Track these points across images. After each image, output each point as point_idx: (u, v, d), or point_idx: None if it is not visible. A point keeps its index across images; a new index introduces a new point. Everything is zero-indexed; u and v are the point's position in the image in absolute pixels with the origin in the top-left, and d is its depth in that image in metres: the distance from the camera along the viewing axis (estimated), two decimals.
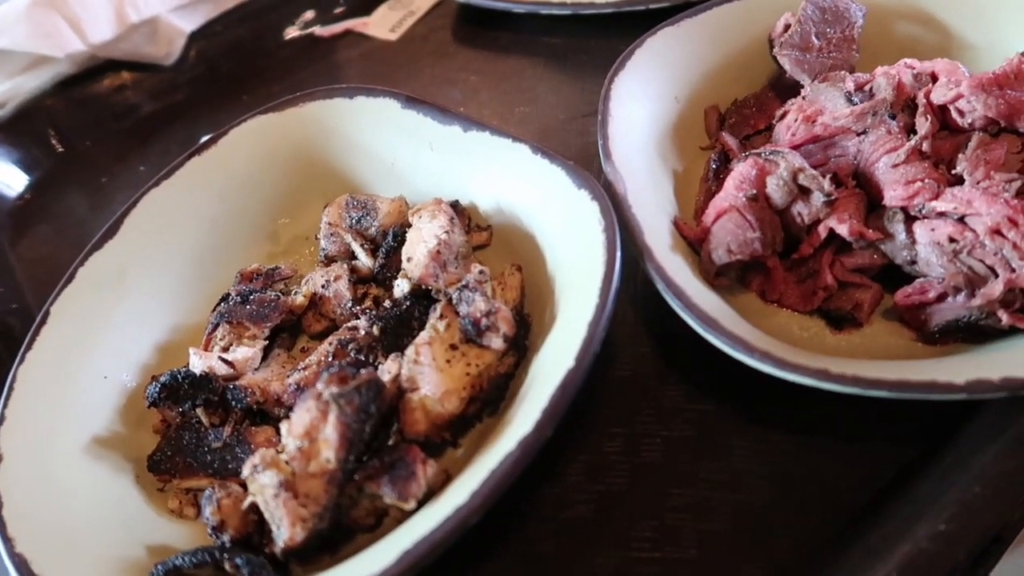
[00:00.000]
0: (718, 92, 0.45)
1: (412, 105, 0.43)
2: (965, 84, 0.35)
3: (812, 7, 0.43)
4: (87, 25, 0.54)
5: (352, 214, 0.42)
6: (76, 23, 0.53)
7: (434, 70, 0.58)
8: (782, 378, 0.30)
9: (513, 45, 0.58)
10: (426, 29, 0.63)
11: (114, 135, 0.59)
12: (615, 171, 0.37)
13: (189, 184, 0.44)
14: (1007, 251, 0.31)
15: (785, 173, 0.36)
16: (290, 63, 0.62)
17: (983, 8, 0.43)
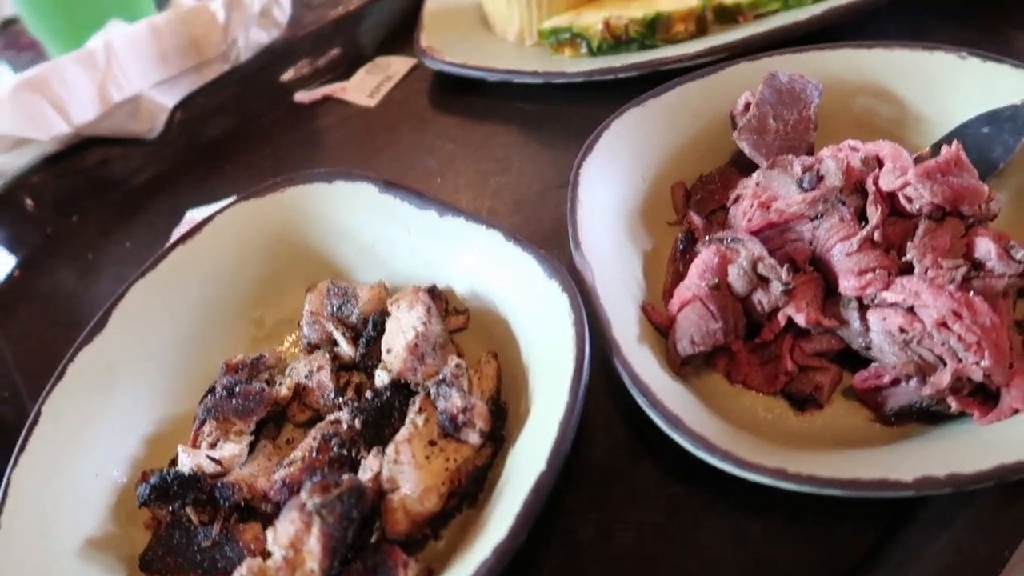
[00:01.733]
0: (684, 168, 0.47)
1: (389, 190, 0.45)
2: (911, 173, 0.37)
3: (769, 89, 0.45)
4: (71, 107, 0.55)
5: (333, 301, 0.43)
6: (60, 106, 0.55)
7: (412, 136, 0.60)
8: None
9: (488, 111, 0.60)
10: (403, 94, 0.64)
11: (100, 209, 0.61)
12: (584, 260, 0.39)
13: (175, 274, 0.45)
14: (953, 342, 0.33)
15: (745, 263, 0.37)
16: (271, 130, 0.64)
17: (933, 83, 0.45)
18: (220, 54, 0.61)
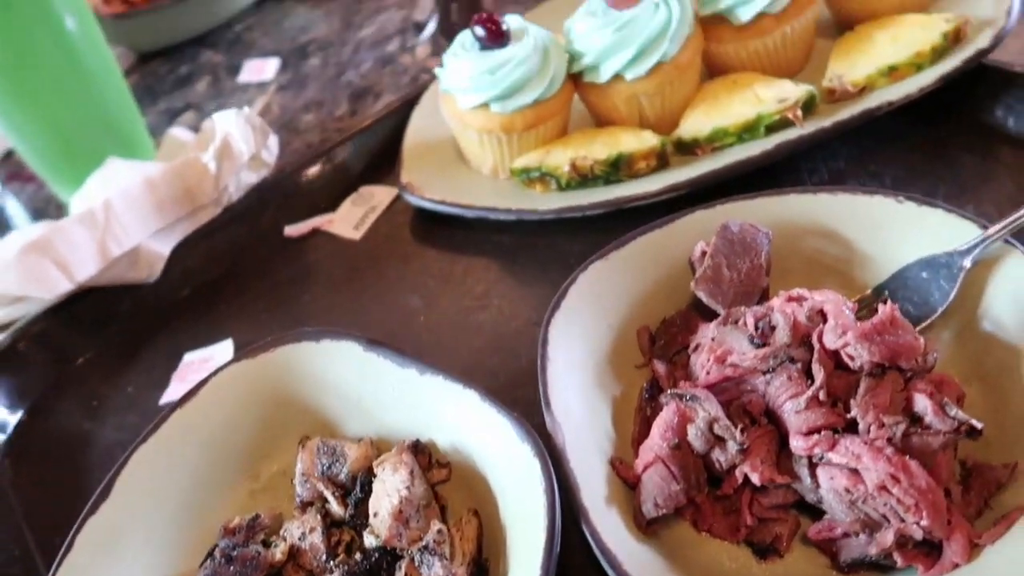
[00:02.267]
0: (647, 312, 0.50)
1: (372, 348, 0.48)
2: (851, 334, 0.40)
3: (722, 240, 0.48)
4: (73, 266, 0.58)
5: (323, 460, 0.46)
6: (64, 265, 0.58)
7: (396, 272, 0.63)
8: None
9: (467, 244, 0.63)
10: (387, 227, 0.68)
11: (102, 353, 0.64)
12: (554, 422, 0.42)
13: (174, 437, 0.48)
14: (894, 503, 0.36)
15: (702, 424, 0.40)
16: (264, 267, 0.67)
17: (875, 225, 0.49)
18: (213, 200, 0.65)
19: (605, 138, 0.61)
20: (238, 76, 0.97)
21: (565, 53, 0.62)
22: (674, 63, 0.59)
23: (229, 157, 0.64)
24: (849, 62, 0.60)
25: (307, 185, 0.72)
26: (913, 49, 0.58)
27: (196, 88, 0.97)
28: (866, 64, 0.59)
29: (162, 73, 1.02)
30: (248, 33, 1.06)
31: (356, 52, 0.95)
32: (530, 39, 0.60)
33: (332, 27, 1.02)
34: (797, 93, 0.58)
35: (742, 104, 0.60)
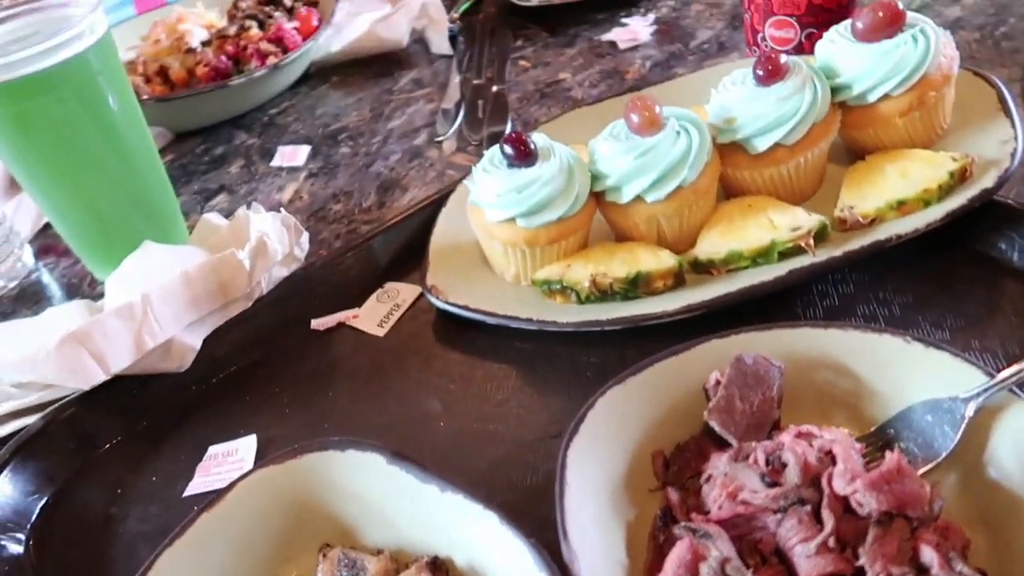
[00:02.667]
0: (662, 437, 0.52)
1: (396, 461, 0.50)
2: (859, 481, 0.42)
3: (735, 372, 0.50)
4: (109, 357, 0.61)
5: (342, 572, 0.48)
6: (100, 357, 0.60)
7: (418, 373, 0.65)
8: None
9: (488, 348, 0.66)
10: (411, 325, 0.70)
11: (128, 439, 0.65)
12: (571, 552, 0.43)
13: (200, 540, 0.49)
14: None
15: (714, 563, 0.41)
16: (290, 359, 0.69)
17: (883, 362, 0.51)
18: (245, 295, 0.68)
19: (624, 255, 0.64)
20: (271, 160, 1.01)
21: (588, 172, 0.65)
22: (692, 188, 0.62)
23: (264, 256, 0.67)
24: (860, 193, 0.63)
25: (334, 280, 0.74)
26: (921, 186, 0.61)
27: (230, 170, 1.01)
28: (876, 197, 0.62)
29: (198, 153, 1.06)
30: (282, 117, 1.10)
31: (385, 143, 0.99)
32: (556, 159, 0.63)
33: (363, 116, 1.07)
34: (810, 223, 0.61)
35: (757, 229, 0.62)
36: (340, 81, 1.17)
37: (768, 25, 0.86)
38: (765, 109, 0.62)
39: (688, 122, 0.63)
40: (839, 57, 0.65)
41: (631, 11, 1.17)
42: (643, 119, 0.62)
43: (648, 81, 0.99)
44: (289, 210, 0.90)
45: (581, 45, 1.12)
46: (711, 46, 1.04)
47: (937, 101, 0.64)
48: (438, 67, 1.15)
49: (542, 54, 1.12)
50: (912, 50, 0.62)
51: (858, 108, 0.65)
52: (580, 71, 1.06)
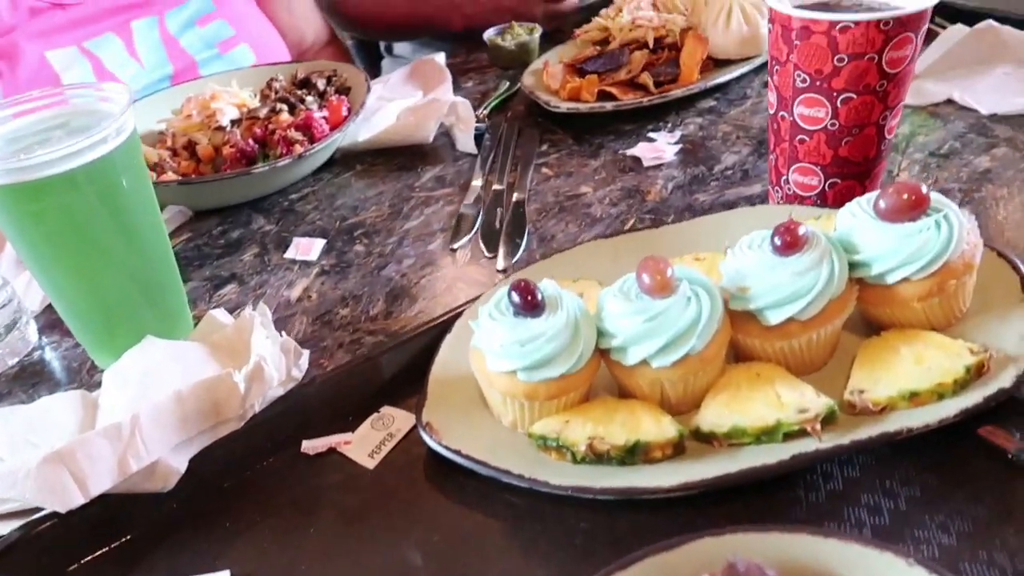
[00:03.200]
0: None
1: None
2: None
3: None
4: (90, 480, 0.59)
5: None
6: (82, 479, 0.59)
7: (403, 519, 0.63)
8: None
9: (478, 496, 0.64)
10: (403, 458, 0.69)
11: (102, 559, 0.64)
12: None
13: None
14: None
15: None
16: (274, 484, 0.68)
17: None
18: (237, 416, 0.66)
19: (625, 416, 0.62)
20: (285, 251, 1.01)
21: (595, 327, 0.64)
22: (700, 356, 0.61)
23: (259, 380, 0.66)
24: (872, 376, 0.61)
25: (330, 399, 0.73)
26: (936, 379, 0.59)
27: (243, 258, 1.01)
28: (888, 383, 0.60)
29: (215, 234, 1.07)
30: (302, 204, 1.11)
31: (400, 244, 0.99)
32: (563, 313, 0.62)
33: (381, 211, 1.07)
34: (818, 407, 0.59)
35: (763, 405, 0.61)
36: (364, 171, 1.18)
37: (792, 170, 0.85)
38: (780, 281, 0.61)
39: (700, 287, 0.62)
40: (859, 233, 0.64)
41: (659, 125, 1.18)
42: (655, 282, 0.61)
43: (668, 205, 0.99)
44: (296, 309, 0.90)
45: (605, 157, 1.12)
46: (735, 173, 1.04)
47: (957, 288, 0.62)
48: (462, 166, 1.16)
49: (566, 162, 1.13)
50: (935, 236, 0.61)
51: (876, 287, 0.64)
52: (602, 186, 1.05)
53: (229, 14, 1.44)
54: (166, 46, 1.34)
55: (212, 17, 1.41)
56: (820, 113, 0.79)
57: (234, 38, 1.43)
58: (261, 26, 1.51)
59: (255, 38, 1.46)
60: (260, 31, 1.50)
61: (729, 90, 1.24)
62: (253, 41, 1.46)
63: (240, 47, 1.44)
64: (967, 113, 1.09)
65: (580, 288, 0.76)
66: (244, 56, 1.44)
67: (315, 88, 1.24)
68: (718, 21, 1.23)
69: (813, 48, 0.76)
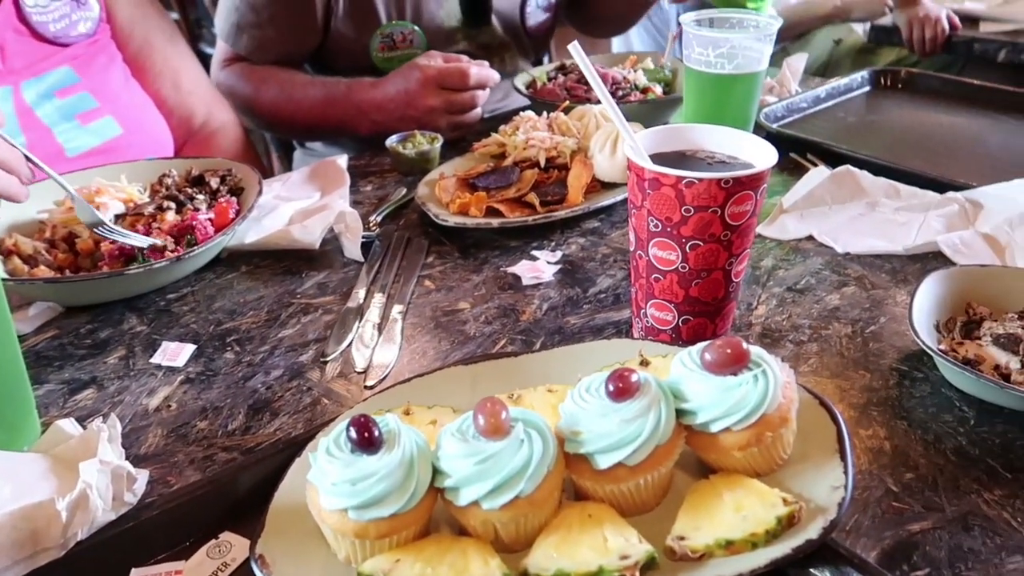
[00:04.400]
0: None
1: None
2: None
3: None
4: None
5: None
6: None
7: None
8: None
9: None
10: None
11: None
12: None
13: None
14: None
15: None
16: None
17: None
18: (58, 545, 0.64)
19: (455, 558, 0.62)
20: (152, 355, 0.99)
21: (431, 465, 0.64)
22: (529, 499, 0.62)
23: (83, 509, 0.64)
24: (694, 524, 0.64)
25: (170, 524, 0.71)
26: (750, 528, 0.62)
27: (107, 360, 0.99)
28: (707, 531, 0.62)
29: (82, 333, 1.04)
30: (179, 305, 1.10)
31: (271, 354, 0.99)
32: (399, 451, 0.63)
33: (258, 318, 1.06)
34: (639, 554, 0.61)
35: (589, 549, 0.62)
36: (248, 272, 1.18)
37: (649, 305, 0.90)
38: (610, 428, 0.64)
39: (535, 430, 0.64)
40: (688, 382, 0.67)
41: (543, 243, 1.22)
42: (489, 425, 0.63)
43: (540, 326, 1.02)
44: (153, 420, 0.88)
45: (488, 272, 1.15)
46: (607, 296, 1.08)
47: (775, 439, 0.66)
48: (348, 273, 1.17)
49: (449, 276, 1.15)
50: (752, 390, 0.65)
51: (702, 434, 0.67)
52: (480, 303, 1.08)
53: (95, 87, 1.41)
54: (19, 116, 1.32)
55: (75, 89, 1.40)
56: (672, 256, 0.84)
57: (97, 110, 1.40)
58: (133, 99, 1.48)
59: (122, 110, 1.43)
60: (130, 104, 1.46)
61: (612, 212, 1.31)
62: (119, 113, 1.42)
63: (104, 119, 1.41)
64: (825, 250, 1.18)
65: (434, 415, 0.77)
66: (108, 128, 1.41)
67: (207, 187, 1.24)
68: (604, 147, 1.30)
69: (663, 198, 0.81)
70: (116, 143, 1.41)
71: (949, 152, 1.50)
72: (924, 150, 1.51)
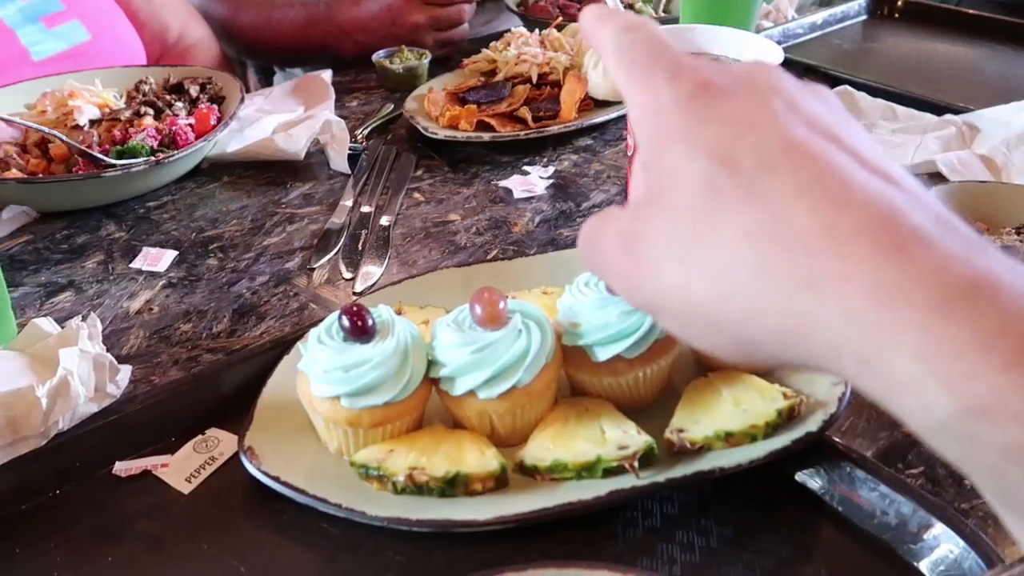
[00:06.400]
0: None
1: None
2: None
3: None
4: None
5: None
6: None
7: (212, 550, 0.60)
8: None
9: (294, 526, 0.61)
10: (221, 483, 0.66)
11: None
12: None
13: None
14: None
15: None
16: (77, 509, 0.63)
17: None
18: (39, 433, 0.62)
19: (450, 448, 0.61)
20: (132, 260, 0.96)
21: (426, 356, 0.63)
22: (526, 390, 0.61)
23: (64, 396, 0.62)
24: (693, 417, 0.63)
25: (153, 420, 0.69)
26: (750, 420, 0.61)
27: (85, 264, 0.95)
28: (707, 423, 0.62)
29: (58, 239, 1.01)
30: (159, 213, 1.06)
31: (256, 261, 0.96)
32: (393, 340, 0.61)
33: (242, 226, 1.03)
34: (637, 444, 0.60)
35: (587, 441, 0.61)
36: (231, 183, 1.14)
37: None
38: (609, 320, 0.62)
39: (533, 321, 0.63)
40: None
41: (535, 159, 1.19)
42: (486, 314, 0.61)
43: (532, 238, 1.00)
44: (134, 322, 0.86)
45: (478, 186, 1.13)
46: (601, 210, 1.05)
47: None
48: (334, 185, 1.14)
49: (439, 189, 1.12)
50: None
51: None
52: (471, 215, 1.05)
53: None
54: None
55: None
56: None
57: (63, 13, 1.32)
58: (100, 4, 1.39)
59: (89, 15, 1.35)
60: (98, 8, 1.38)
61: (606, 130, 1.27)
62: (86, 17, 1.35)
63: (71, 23, 1.33)
64: None
65: (426, 315, 0.75)
66: (75, 32, 1.34)
67: (187, 94, 1.19)
68: (598, 63, 1.27)
69: None
70: (85, 48, 1.34)
71: (946, 79, 1.47)
72: (921, 77, 1.48)
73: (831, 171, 0.32)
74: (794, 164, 0.32)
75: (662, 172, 0.35)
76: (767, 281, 0.31)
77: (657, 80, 0.36)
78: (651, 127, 0.36)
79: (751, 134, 0.33)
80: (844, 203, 0.31)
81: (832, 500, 0.62)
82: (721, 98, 0.35)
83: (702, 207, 0.33)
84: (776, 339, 0.33)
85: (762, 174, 0.32)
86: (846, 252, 0.30)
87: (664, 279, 0.35)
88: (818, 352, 0.32)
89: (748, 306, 0.32)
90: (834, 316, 0.30)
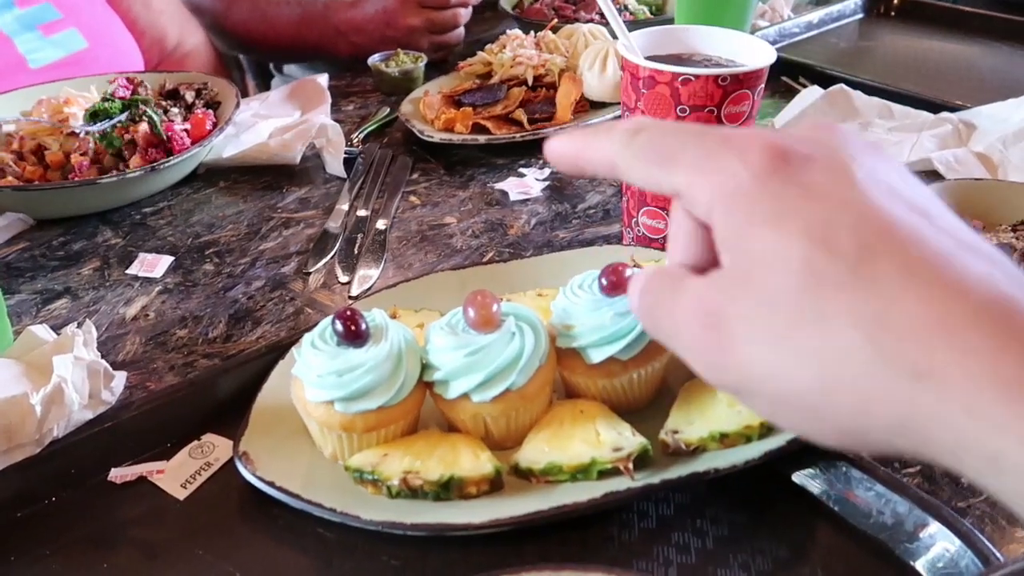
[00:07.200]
0: None
1: None
2: None
3: None
4: None
5: None
6: None
7: (206, 555, 0.60)
8: None
9: (289, 531, 0.61)
10: (217, 488, 0.66)
11: None
12: None
13: None
14: None
15: None
16: (73, 515, 0.63)
17: None
18: (34, 441, 0.62)
19: (445, 451, 0.61)
20: (128, 266, 0.96)
21: (419, 360, 0.63)
22: (520, 393, 0.61)
23: (58, 404, 0.62)
24: (687, 418, 0.63)
25: (149, 426, 0.69)
26: (745, 421, 0.61)
27: (81, 271, 0.95)
28: (702, 424, 0.62)
29: (55, 245, 1.01)
30: (155, 219, 1.06)
31: (252, 266, 0.96)
32: (386, 344, 0.61)
33: (238, 231, 1.03)
34: (632, 446, 0.60)
35: (582, 442, 0.61)
36: (227, 188, 1.14)
37: (641, 213, 0.88)
38: (603, 322, 0.62)
39: (526, 323, 0.62)
40: None
41: (530, 161, 1.19)
42: (479, 317, 0.61)
43: (528, 240, 1.00)
44: (130, 328, 0.86)
45: (474, 189, 1.13)
46: (596, 212, 1.06)
47: None
48: (330, 189, 1.14)
49: (434, 192, 1.12)
50: None
51: None
52: (467, 217, 1.05)
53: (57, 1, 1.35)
54: None
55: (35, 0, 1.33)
56: None
57: (60, 21, 1.32)
58: (97, 12, 1.40)
59: (86, 23, 1.35)
60: (95, 17, 1.38)
61: None
62: (83, 25, 1.35)
63: (68, 31, 1.33)
64: None
65: (421, 319, 0.75)
66: (72, 40, 1.34)
67: (183, 100, 1.20)
68: (594, 65, 1.27)
69: (658, 97, 0.78)
70: (82, 56, 1.34)
71: (942, 76, 1.47)
72: (917, 74, 1.48)
73: (933, 255, 0.31)
74: (895, 247, 0.31)
75: (749, 253, 0.33)
76: (881, 371, 0.30)
77: (723, 159, 0.34)
78: (729, 207, 0.34)
79: (845, 214, 0.32)
80: (953, 290, 0.30)
81: (828, 500, 0.62)
82: (801, 170, 0.33)
83: (803, 292, 0.31)
84: (886, 430, 0.31)
85: (864, 256, 0.31)
86: (964, 345, 0.29)
87: (759, 365, 0.33)
88: (936, 445, 0.30)
89: (858, 397, 0.31)
90: (955, 413, 0.29)
